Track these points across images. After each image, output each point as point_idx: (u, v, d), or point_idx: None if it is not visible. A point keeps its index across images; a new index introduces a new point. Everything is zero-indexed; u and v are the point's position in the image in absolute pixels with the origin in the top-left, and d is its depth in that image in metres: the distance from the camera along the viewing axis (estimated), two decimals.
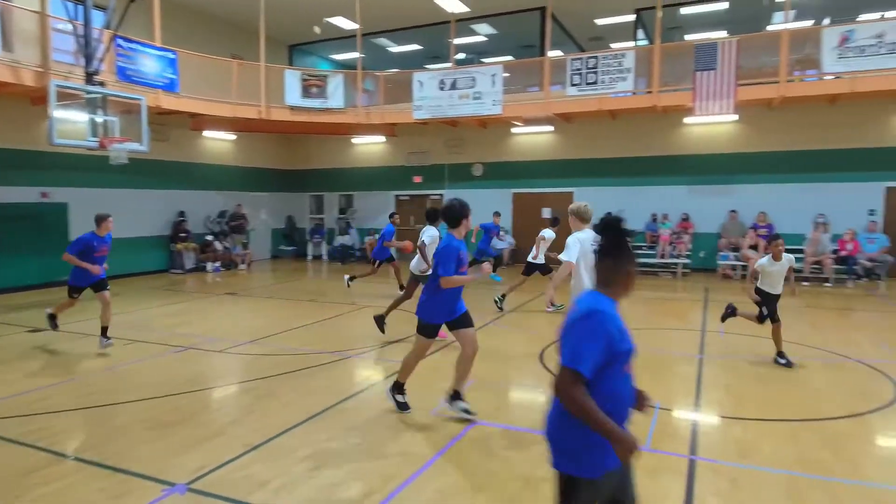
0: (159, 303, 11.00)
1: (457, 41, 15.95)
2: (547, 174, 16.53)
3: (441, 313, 4.93)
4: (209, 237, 16.20)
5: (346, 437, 4.64)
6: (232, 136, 17.37)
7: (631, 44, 16.35)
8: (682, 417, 5.11)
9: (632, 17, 16.08)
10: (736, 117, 13.62)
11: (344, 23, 16.56)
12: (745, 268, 13.39)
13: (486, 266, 5.08)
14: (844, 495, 3.69)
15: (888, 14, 15.03)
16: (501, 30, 17.68)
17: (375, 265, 11.65)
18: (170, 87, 12.62)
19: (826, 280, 12.71)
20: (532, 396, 5.88)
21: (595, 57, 13.41)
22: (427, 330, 4.99)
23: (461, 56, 19.09)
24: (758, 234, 13.40)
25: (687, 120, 14.44)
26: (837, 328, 8.66)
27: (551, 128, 16.07)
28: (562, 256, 5.21)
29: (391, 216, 12.13)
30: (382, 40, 18.86)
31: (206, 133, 16.27)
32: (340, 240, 18.38)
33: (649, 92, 13.21)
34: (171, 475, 3.96)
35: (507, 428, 4.79)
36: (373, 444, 4.50)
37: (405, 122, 15.84)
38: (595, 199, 15.72)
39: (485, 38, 18.51)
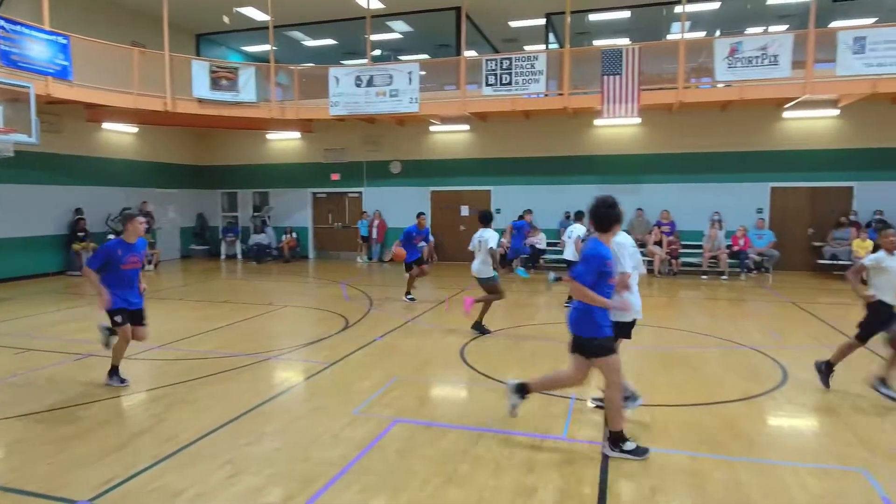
0: (56, 307, 10.18)
1: (373, 38, 15.83)
2: (464, 172, 16.76)
3: (606, 323, 4.22)
4: (111, 236, 15.16)
5: (265, 441, 4.51)
6: (134, 129, 16.34)
7: (542, 47, 16.87)
8: (596, 407, 5.34)
9: (543, 21, 16.58)
10: (640, 120, 14.42)
11: (255, 13, 15.99)
12: (651, 262, 14.19)
13: (626, 300, 4.35)
14: (742, 472, 4.01)
15: (771, 28, 16.42)
16: (417, 28, 17.72)
17: (415, 267, 10.74)
18: (62, 75, 11.68)
19: (722, 273, 13.71)
20: (454, 392, 5.96)
21: (509, 58, 13.72)
22: (594, 347, 4.21)
23: (377, 53, 18.96)
24: (661, 230, 14.24)
25: (596, 122, 15.11)
26: (732, 318, 9.37)
27: (467, 127, 16.31)
28: (619, 266, 4.53)
29: (418, 215, 11.23)
30: (296, 33, 18.39)
31: (105, 125, 15.21)
32: (256, 238, 17.77)
33: (560, 94, 13.69)
34: (72, 492, 3.70)
35: (429, 424, 4.83)
36: (293, 447, 4.40)
37: (321, 119, 15.55)
38: (511, 197, 16.24)
39: (401, 36, 18.48)
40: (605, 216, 4.22)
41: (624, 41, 17.40)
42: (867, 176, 13.92)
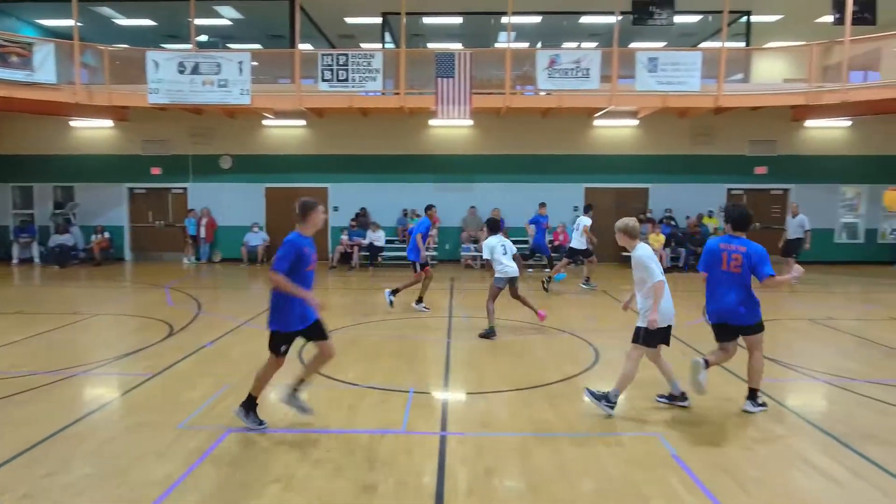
0: None
1: (198, 22, 14.70)
2: (300, 169, 16.29)
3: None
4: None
5: (74, 467, 4.01)
6: None
7: (379, 45, 16.99)
8: (433, 398, 5.54)
9: (379, 20, 16.70)
10: (471, 122, 15.15)
11: None
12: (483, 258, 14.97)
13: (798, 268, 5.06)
14: (563, 446, 4.43)
15: (584, 45, 18.14)
16: (248, 15, 16.85)
17: (420, 270, 9.64)
18: None
19: (546, 266, 14.89)
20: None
21: (345, 54, 13.60)
22: (760, 326, 5.00)
23: (203, 38, 17.68)
24: None
25: (431, 122, 15.57)
26: (554, 306, 10.23)
27: (303, 122, 15.89)
28: (651, 278, 4.93)
29: (428, 208, 10.26)
30: (106, 9, 16.49)
31: None
32: (58, 239, 15.58)
33: (397, 93, 13.88)
34: None
35: (265, 431, 4.65)
36: (108, 471, 3.97)
37: (139, 107, 14.10)
38: (348, 195, 16.09)
39: (230, 23, 17.44)
40: (745, 217, 5.00)
41: (456, 46, 18.16)
42: (660, 179, 16.04)
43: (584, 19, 17.00)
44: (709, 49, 14.61)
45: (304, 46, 15.19)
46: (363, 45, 18.27)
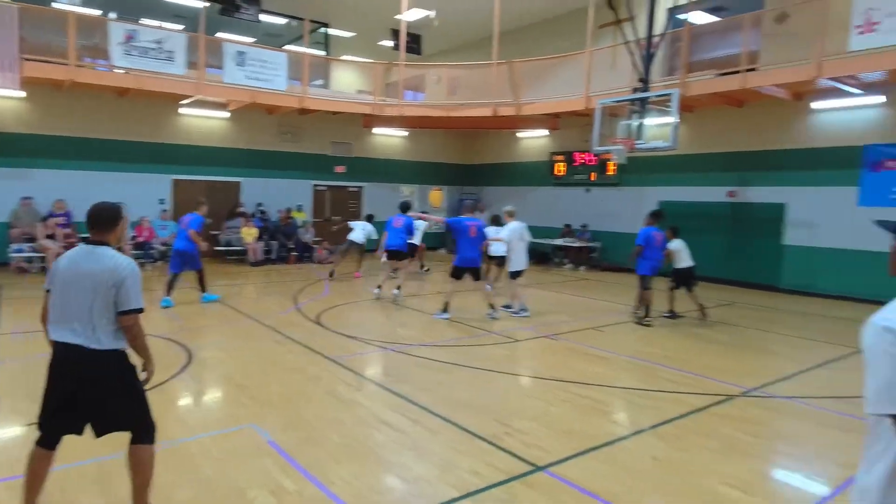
0: None
1: None
2: None
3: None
4: None
5: None
6: None
7: None
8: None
9: None
10: (23, 94, 12.40)
11: None
12: (43, 259, 12.48)
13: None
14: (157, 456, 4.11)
15: (167, 25, 16.89)
16: None
17: None
18: None
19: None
20: None
21: None
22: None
23: None
24: (56, 222, 12.74)
25: None
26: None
27: None
28: None
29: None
30: None
31: None
32: None
33: None
34: None
35: None
36: None
37: None
38: None
39: None
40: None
41: None
42: (251, 173, 16.26)
43: None
44: (294, 52, 15.41)
45: None
46: None
